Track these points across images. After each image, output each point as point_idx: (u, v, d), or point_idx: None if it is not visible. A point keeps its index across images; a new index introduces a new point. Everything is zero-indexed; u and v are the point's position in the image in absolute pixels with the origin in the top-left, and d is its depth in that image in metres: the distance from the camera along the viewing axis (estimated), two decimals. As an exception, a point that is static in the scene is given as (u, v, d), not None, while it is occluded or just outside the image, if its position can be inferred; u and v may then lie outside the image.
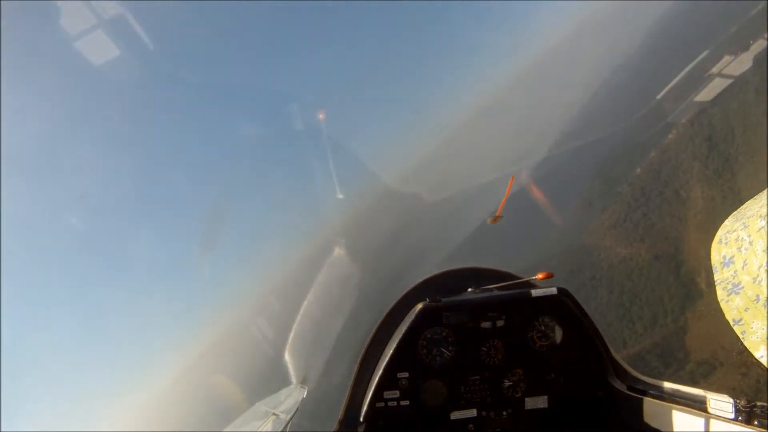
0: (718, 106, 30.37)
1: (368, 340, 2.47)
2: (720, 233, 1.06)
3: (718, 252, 1.03)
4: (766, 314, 0.90)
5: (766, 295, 0.90)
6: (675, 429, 1.93)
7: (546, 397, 2.34)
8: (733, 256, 0.98)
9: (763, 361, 0.92)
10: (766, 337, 0.90)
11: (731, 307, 0.97)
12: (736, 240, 0.98)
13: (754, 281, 0.92)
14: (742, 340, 0.95)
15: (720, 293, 1.01)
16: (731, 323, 0.98)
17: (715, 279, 1.03)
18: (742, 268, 0.95)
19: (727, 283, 0.98)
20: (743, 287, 0.94)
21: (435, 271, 2.62)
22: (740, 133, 28.87)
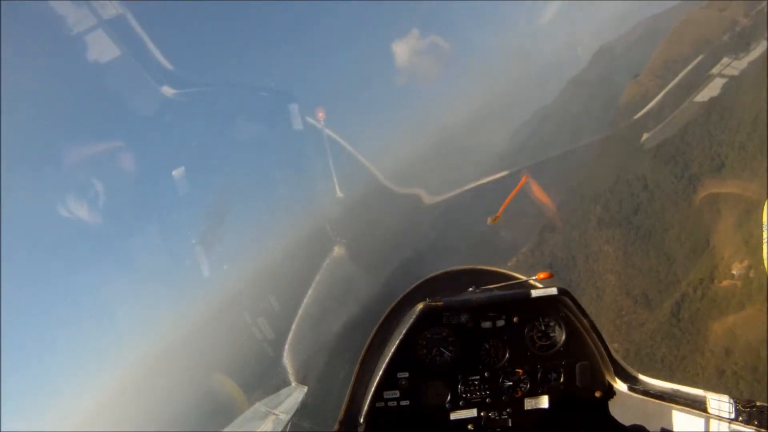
0: (562, 234, 31.20)
1: (368, 340, 2.47)
2: None
3: None
4: None
5: None
6: (675, 429, 1.93)
7: (546, 397, 2.34)
8: None
9: None
10: None
11: None
12: None
13: None
14: None
15: (765, 249, 1.14)
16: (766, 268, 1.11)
17: (764, 237, 1.19)
18: None
19: None
20: None
21: (435, 271, 2.62)
22: (582, 261, 29.70)
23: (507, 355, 2.33)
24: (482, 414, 2.33)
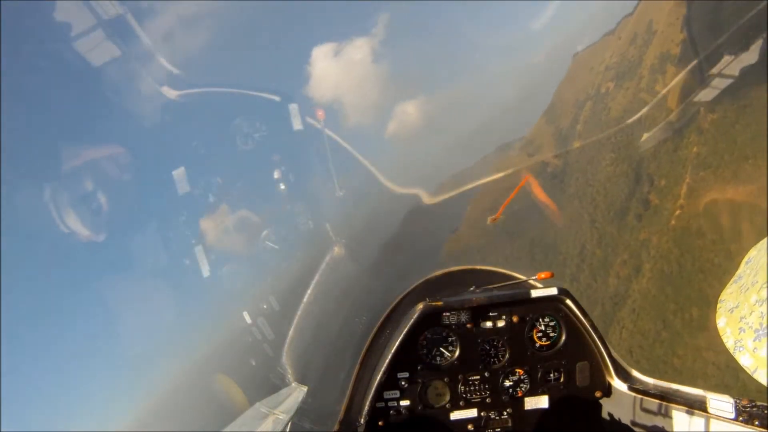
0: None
1: (368, 340, 2.47)
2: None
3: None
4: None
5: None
6: (675, 429, 1.93)
7: (546, 397, 2.34)
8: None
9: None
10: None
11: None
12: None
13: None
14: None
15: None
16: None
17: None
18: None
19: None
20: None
21: (435, 271, 2.62)
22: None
23: (507, 355, 2.33)
24: (482, 414, 2.33)
